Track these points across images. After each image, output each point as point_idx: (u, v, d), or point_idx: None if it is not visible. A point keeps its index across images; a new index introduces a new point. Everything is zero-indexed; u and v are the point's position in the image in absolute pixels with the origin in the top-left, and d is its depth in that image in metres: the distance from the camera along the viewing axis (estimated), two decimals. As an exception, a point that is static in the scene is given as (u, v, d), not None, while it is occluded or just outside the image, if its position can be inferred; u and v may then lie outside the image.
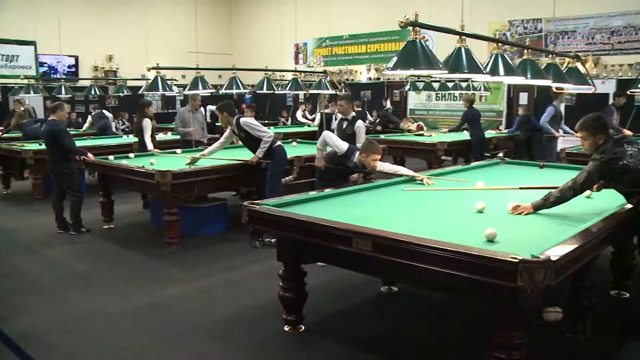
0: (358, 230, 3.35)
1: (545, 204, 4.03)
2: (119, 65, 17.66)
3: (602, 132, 4.08)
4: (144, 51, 16.76)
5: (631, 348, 4.06)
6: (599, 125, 4.11)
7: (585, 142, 4.17)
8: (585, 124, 4.17)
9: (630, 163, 3.92)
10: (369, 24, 16.92)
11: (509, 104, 14.71)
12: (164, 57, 15.83)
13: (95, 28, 17.08)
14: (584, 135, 4.15)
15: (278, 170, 6.69)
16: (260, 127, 6.73)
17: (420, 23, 3.67)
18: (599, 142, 4.07)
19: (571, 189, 3.99)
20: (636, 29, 13.06)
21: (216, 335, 4.24)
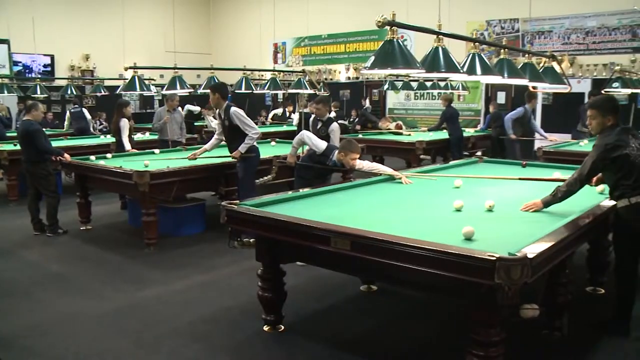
0: (336, 230, 3.35)
1: (554, 199, 4.06)
2: (95, 65, 17.49)
3: (612, 114, 4.07)
4: (121, 50, 16.63)
5: (606, 343, 4.11)
6: (610, 107, 4.11)
7: (593, 121, 4.15)
8: (596, 103, 4.18)
9: (632, 155, 3.94)
10: (347, 24, 16.96)
11: (487, 103, 14.82)
12: (141, 57, 15.74)
13: (71, 27, 16.89)
14: (593, 114, 4.14)
15: (252, 170, 6.65)
16: (250, 122, 6.68)
17: (398, 22, 3.68)
18: (607, 124, 4.06)
19: (577, 181, 4.03)
20: (610, 30, 13.26)
21: (195, 336, 4.22)
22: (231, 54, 19.46)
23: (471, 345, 3.09)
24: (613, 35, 13.25)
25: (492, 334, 3.04)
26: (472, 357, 3.08)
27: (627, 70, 10.41)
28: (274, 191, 4.84)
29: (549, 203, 4.07)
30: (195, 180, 6.77)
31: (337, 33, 17.66)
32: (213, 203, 8.00)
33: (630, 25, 13.00)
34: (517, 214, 4.07)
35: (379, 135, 11.82)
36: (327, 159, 5.80)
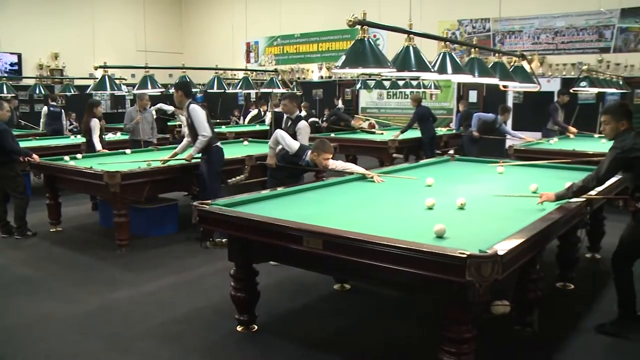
0: (309, 229, 3.35)
1: (568, 193, 4.11)
2: (65, 64, 17.22)
3: (626, 118, 4.13)
4: (91, 49, 16.37)
5: (576, 339, 4.18)
6: (623, 112, 4.16)
7: (607, 126, 4.19)
8: (609, 109, 4.24)
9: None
10: (320, 23, 16.98)
11: (459, 101, 14.95)
12: (112, 56, 15.56)
13: (39, 25, 16.57)
14: (606, 120, 4.19)
15: (214, 172, 6.57)
16: (203, 124, 6.45)
17: (369, 22, 3.69)
18: (621, 128, 4.11)
19: (594, 180, 4.07)
20: (578, 30, 13.49)
21: (168, 337, 4.18)
22: (203, 53, 19.34)
23: (443, 342, 3.11)
24: (581, 35, 13.48)
25: (463, 330, 3.07)
26: (445, 354, 3.11)
27: (594, 70, 10.60)
28: (247, 191, 4.82)
29: (562, 197, 4.12)
30: (167, 180, 6.71)
31: (310, 32, 17.67)
32: (186, 203, 7.94)
33: (596, 26, 13.24)
34: (488, 212, 4.11)
35: (352, 134, 11.85)
36: (300, 159, 5.80)
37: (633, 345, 4.06)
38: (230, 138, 10.78)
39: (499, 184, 5.38)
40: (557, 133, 10.50)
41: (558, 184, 4.56)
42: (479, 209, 4.17)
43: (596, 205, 5.00)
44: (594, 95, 12.42)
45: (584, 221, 4.58)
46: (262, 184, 6.86)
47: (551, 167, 6.23)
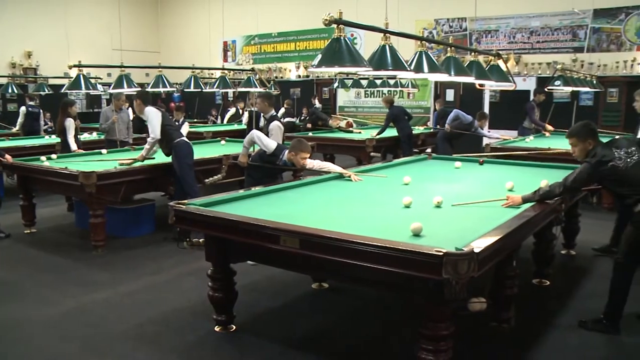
0: (285, 228, 3.35)
1: (534, 197, 4.17)
2: (39, 63, 16.96)
3: (591, 137, 4.23)
4: (65, 48, 16.10)
5: (552, 334, 4.23)
6: (588, 131, 4.26)
7: (575, 148, 4.31)
8: (574, 132, 4.34)
9: (619, 165, 4.06)
10: (298, 22, 16.95)
11: (436, 100, 15.04)
12: (87, 55, 15.36)
13: (11, 23, 16.28)
14: (573, 142, 4.30)
15: (185, 164, 6.58)
16: (153, 124, 6.57)
17: (345, 20, 3.69)
18: (589, 147, 4.21)
19: (561, 186, 4.15)
20: (552, 30, 13.65)
21: (145, 339, 4.15)
22: (180, 52, 19.20)
23: (421, 339, 3.12)
24: (555, 35, 13.64)
25: (441, 327, 3.09)
26: (422, 351, 3.12)
27: (569, 69, 10.73)
28: (224, 190, 4.80)
29: (528, 200, 4.17)
30: (144, 180, 6.66)
31: (288, 31, 17.64)
32: (163, 203, 7.87)
33: (570, 26, 13.41)
34: (465, 210, 4.14)
35: (330, 133, 11.85)
36: (277, 159, 5.78)
37: (607, 341, 4.12)
38: (208, 137, 10.73)
39: (475, 182, 5.43)
40: (533, 131, 10.62)
41: (535, 182, 4.62)
42: (455, 207, 4.19)
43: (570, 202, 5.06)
44: (568, 94, 12.57)
45: (559, 218, 4.65)
46: (240, 184, 6.85)
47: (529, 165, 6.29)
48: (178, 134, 6.75)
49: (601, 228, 6.15)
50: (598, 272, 5.56)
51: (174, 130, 6.75)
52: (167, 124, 6.69)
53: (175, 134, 6.71)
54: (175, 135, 6.65)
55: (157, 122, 6.57)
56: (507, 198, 4.22)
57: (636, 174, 4.05)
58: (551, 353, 3.95)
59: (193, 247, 6.15)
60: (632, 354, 3.99)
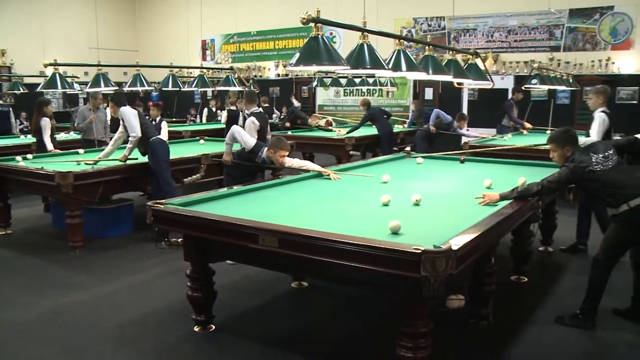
0: (264, 227, 3.34)
1: (511, 194, 4.21)
2: (13, 61, 16.70)
3: (570, 144, 4.29)
4: (41, 46, 15.90)
5: (530, 330, 4.27)
6: (566, 138, 4.33)
7: (554, 154, 4.38)
8: (553, 137, 4.41)
9: (597, 169, 4.13)
10: (276, 21, 16.91)
11: (415, 99, 15.11)
12: (64, 53, 15.19)
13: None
14: (553, 148, 4.38)
15: (161, 162, 6.56)
16: (132, 124, 6.57)
17: (322, 19, 3.69)
18: (567, 154, 4.28)
19: (539, 185, 4.22)
20: (529, 29, 13.79)
21: (123, 340, 4.11)
22: (158, 51, 19.06)
23: (400, 337, 3.13)
24: (532, 34, 13.78)
25: (420, 325, 3.10)
26: (402, 348, 3.13)
27: (545, 68, 10.84)
28: (203, 190, 4.77)
29: (505, 197, 4.21)
30: (122, 180, 6.60)
31: (266, 30, 17.59)
32: (142, 203, 7.81)
33: (547, 26, 13.57)
34: (444, 208, 4.16)
35: (309, 132, 11.83)
36: (256, 156, 5.77)
37: (584, 336, 4.17)
38: (187, 137, 10.66)
39: (454, 180, 5.46)
40: (512, 129, 10.71)
41: (513, 180, 4.66)
42: (434, 205, 4.21)
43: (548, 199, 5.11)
44: (545, 92, 12.72)
45: (536, 215, 4.70)
46: (219, 183, 6.82)
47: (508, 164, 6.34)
48: (154, 132, 6.73)
49: (577, 225, 6.24)
50: (575, 269, 5.63)
51: (150, 129, 6.71)
52: (143, 122, 6.67)
53: (151, 132, 6.69)
54: (150, 134, 6.64)
55: (136, 120, 6.55)
56: (483, 196, 4.24)
57: (617, 177, 4.12)
58: (529, 349, 3.98)
59: (171, 247, 6.11)
60: (608, 349, 4.05)
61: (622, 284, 4.50)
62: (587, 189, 4.34)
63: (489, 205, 4.10)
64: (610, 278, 4.23)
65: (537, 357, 3.89)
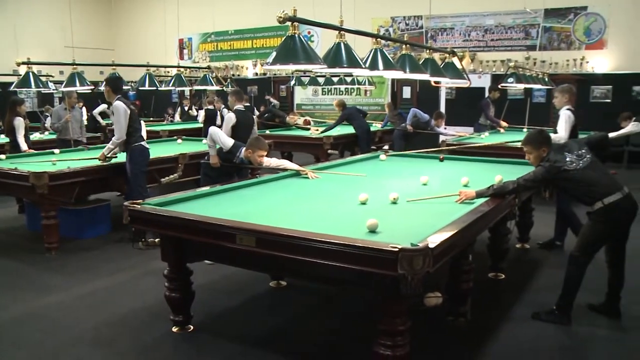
0: (241, 227, 3.33)
1: (487, 192, 4.25)
2: (-16, 59, 16.43)
3: (546, 144, 4.35)
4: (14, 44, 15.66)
5: (507, 327, 4.31)
6: (542, 139, 4.39)
7: (530, 155, 4.44)
8: (529, 139, 4.45)
9: (571, 169, 4.18)
10: (254, 19, 16.86)
11: (393, 98, 15.17)
12: (38, 51, 14.97)
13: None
14: (528, 149, 4.43)
15: (137, 170, 6.42)
16: (120, 124, 6.31)
17: (299, 18, 3.69)
18: (543, 155, 4.33)
19: (515, 183, 4.26)
20: (506, 28, 13.92)
21: (100, 342, 4.07)
22: (135, 49, 18.90)
23: (379, 335, 3.14)
24: (509, 33, 13.92)
25: (398, 323, 3.11)
26: (380, 346, 3.14)
27: (522, 67, 10.95)
28: (180, 189, 4.74)
29: (481, 194, 4.25)
30: (98, 180, 6.52)
31: (244, 29, 17.54)
32: (119, 203, 7.73)
33: (523, 25, 13.72)
34: (421, 205, 4.18)
35: (287, 131, 11.80)
36: (234, 156, 5.75)
37: (560, 331, 4.22)
38: (164, 136, 10.58)
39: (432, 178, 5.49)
40: (489, 128, 10.79)
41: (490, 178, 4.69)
42: (412, 203, 4.22)
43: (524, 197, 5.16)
44: (522, 91, 12.85)
45: (513, 213, 4.74)
46: (196, 183, 6.78)
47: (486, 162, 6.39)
48: (138, 137, 6.51)
49: (554, 222, 6.30)
50: (551, 265, 5.69)
51: (136, 134, 6.50)
52: (132, 124, 6.41)
53: (136, 137, 6.46)
54: (133, 139, 6.41)
55: (125, 122, 6.33)
56: (459, 193, 4.27)
57: (591, 176, 4.18)
58: (506, 345, 4.02)
59: (149, 247, 6.06)
60: (583, 343, 4.10)
61: (596, 280, 4.56)
62: (563, 188, 4.41)
63: (465, 203, 4.13)
64: (585, 274, 4.29)
65: (514, 352, 3.93)
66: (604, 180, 4.19)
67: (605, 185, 4.15)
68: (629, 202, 4.19)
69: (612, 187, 4.15)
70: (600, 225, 4.22)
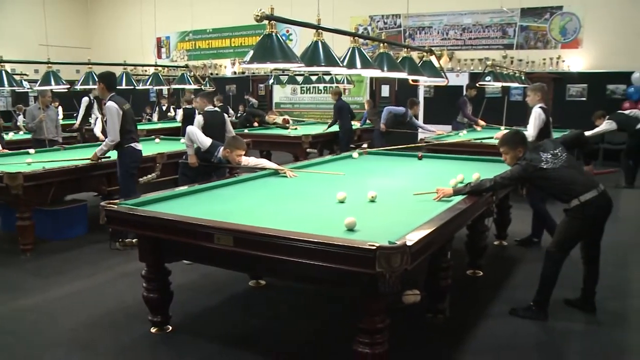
0: (219, 226, 3.31)
1: (465, 189, 4.28)
2: (-45, 58, 16.15)
3: (521, 145, 4.40)
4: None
5: (485, 324, 4.34)
6: (518, 140, 4.44)
7: (507, 156, 4.49)
8: (505, 140, 4.50)
9: (547, 168, 4.22)
10: (232, 18, 16.79)
11: (372, 96, 15.22)
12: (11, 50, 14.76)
13: None
14: (505, 150, 4.48)
15: (126, 172, 6.35)
16: (114, 126, 6.18)
17: (276, 16, 3.68)
18: (519, 155, 4.38)
19: (491, 181, 4.29)
20: (483, 27, 14.03)
21: (78, 344, 4.02)
22: (112, 48, 18.73)
23: (358, 333, 3.14)
24: (486, 32, 14.04)
25: (376, 321, 3.11)
26: (359, 344, 3.14)
27: (499, 65, 11.04)
28: (158, 189, 4.70)
29: (459, 192, 4.28)
30: (74, 181, 6.43)
31: (222, 27, 17.46)
32: (96, 204, 7.65)
33: (500, 24, 13.84)
34: (399, 204, 4.19)
35: (266, 130, 11.78)
36: (211, 156, 5.72)
37: (537, 327, 4.26)
38: (142, 136, 10.44)
39: (410, 176, 5.52)
40: (467, 126, 10.87)
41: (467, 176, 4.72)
42: (389, 202, 4.24)
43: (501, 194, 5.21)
44: (499, 89, 12.96)
45: (490, 210, 4.78)
46: (174, 182, 6.73)
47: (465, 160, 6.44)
48: (130, 139, 6.39)
49: (531, 219, 6.36)
50: (529, 262, 5.75)
51: (128, 133, 6.37)
52: (124, 126, 6.28)
53: (126, 138, 6.33)
54: (124, 140, 6.29)
55: (117, 123, 6.20)
56: (437, 191, 4.29)
57: (567, 174, 4.23)
58: (485, 341, 4.05)
59: (126, 247, 6.01)
60: (560, 338, 4.15)
61: (573, 276, 4.61)
62: (539, 186, 4.46)
63: (443, 201, 4.15)
64: (561, 270, 4.34)
65: (492, 348, 3.96)
66: (580, 178, 4.25)
67: (581, 184, 4.21)
68: (604, 199, 4.26)
69: (588, 185, 4.21)
70: (576, 222, 4.28)
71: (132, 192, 6.06)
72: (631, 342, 4.08)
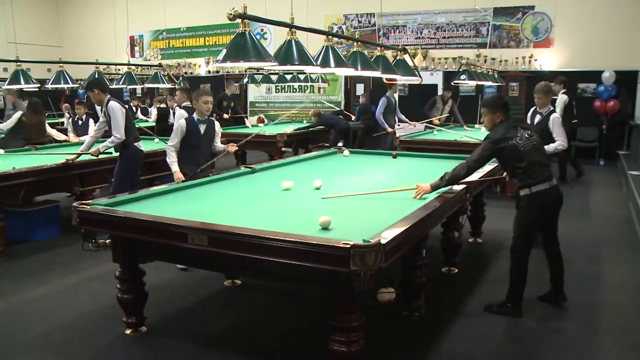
0: (192, 226, 3.29)
1: (442, 182, 4.27)
2: None
3: (501, 111, 4.41)
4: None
5: (461, 321, 4.38)
6: (499, 105, 4.45)
7: (485, 118, 4.51)
8: (487, 102, 4.53)
9: (520, 144, 4.24)
10: (206, 17, 16.68)
11: (346, 95, 15.25)
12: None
13: None
14: (484, 112, 4.50)
15: (127, 172, 6.37)
16: (118, 125, 6.29)
17: (249, 15, 3.67)
18: (497, 120, 4.39)
19: (465, 167, 4.29)
20: (457, 26, 14.14)
21: (52, 347, 3.97)
22: (84, 46, 18.48)
23: (333, 331, 3.15)
24: (460, 31, 14.15)
25: (352, 319, 3.12)
26: (335, 343, 3.15)
27: (473, 64, 11.13)
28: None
29: (437, 187, 4.28)
30: (46, 181, 6.34)
31: (196, 26, 17.34)
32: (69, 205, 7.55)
33: (474, 23, 13.96)
34: (374, 201, 4.21)
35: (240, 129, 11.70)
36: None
37: (511, 323, 4.32)
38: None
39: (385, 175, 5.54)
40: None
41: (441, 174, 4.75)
42: (365, 200, 4.25)
43: (475, 191, 5.26)
44: (473, 88, 13.08)
45: (464, 207, 4.82)
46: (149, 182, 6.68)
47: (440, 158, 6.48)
48: (134, 137, 6.47)
49: (505, 216, 6.41)
50: (503, 258, 5.80)
51: (131, 133, 6.45)
52: (128, 124, 6.39)
53: (132, 137, 6.43)
54: (131, 139, 6.39)
55: (123, 121, 6.29)
56: (415, 187, 4.31)
57: (532, 158, 4.26)
58: (460, 338, 4.08)
59: (99, 248, 5.91)
60: (534, 333, 4.20)
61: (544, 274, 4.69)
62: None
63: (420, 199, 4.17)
64: (528, 267, 4.41)
65: (468, 345, 3.99)
66: (539, 169, 4.29)
67: (538, 174, 4.27)
68: (555, 191, 4.35)
69: (543, 177, 4.28)
70: (527, 212, 4.37)
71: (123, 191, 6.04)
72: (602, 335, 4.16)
